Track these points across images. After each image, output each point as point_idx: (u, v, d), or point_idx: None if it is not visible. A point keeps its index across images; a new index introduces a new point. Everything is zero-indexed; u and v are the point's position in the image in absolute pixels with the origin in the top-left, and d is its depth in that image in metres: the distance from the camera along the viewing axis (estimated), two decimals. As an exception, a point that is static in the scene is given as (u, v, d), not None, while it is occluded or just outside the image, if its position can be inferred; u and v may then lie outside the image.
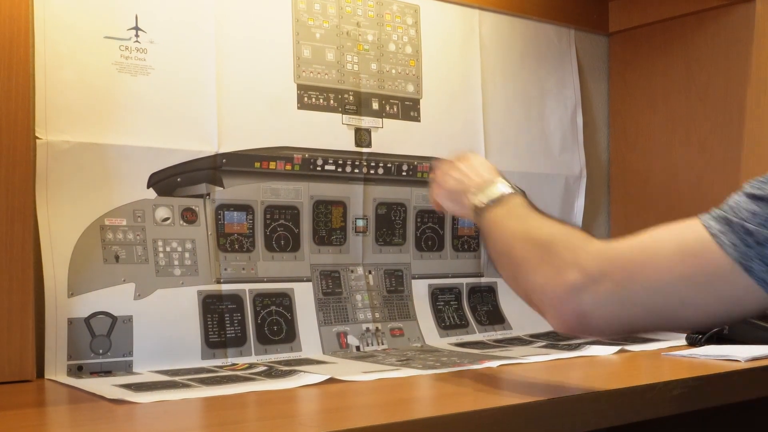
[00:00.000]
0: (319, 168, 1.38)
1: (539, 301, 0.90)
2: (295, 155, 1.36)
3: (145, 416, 0.87)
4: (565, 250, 0.88)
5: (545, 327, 1.61)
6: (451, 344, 1.44)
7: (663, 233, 0.86)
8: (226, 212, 1.30)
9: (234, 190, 1.30)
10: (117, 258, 1.19)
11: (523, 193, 1.04)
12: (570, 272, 0.86)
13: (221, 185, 1.29)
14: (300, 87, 1.37)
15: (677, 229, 0.86)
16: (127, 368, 1.16)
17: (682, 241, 0.84)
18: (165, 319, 1.20)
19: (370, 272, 1.45)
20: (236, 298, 1.28)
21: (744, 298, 0.82)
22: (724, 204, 0.84)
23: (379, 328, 1.41)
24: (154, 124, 1.22)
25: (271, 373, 1.12)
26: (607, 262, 0.85)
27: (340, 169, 1.40)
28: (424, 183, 1.51)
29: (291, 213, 1.36)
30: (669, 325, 0.88)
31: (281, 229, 1.35)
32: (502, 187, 1.04)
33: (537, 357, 1.25)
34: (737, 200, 0.83)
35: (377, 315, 1.42)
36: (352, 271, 1.43)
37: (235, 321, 1.27)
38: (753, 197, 0.82)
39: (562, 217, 1.71)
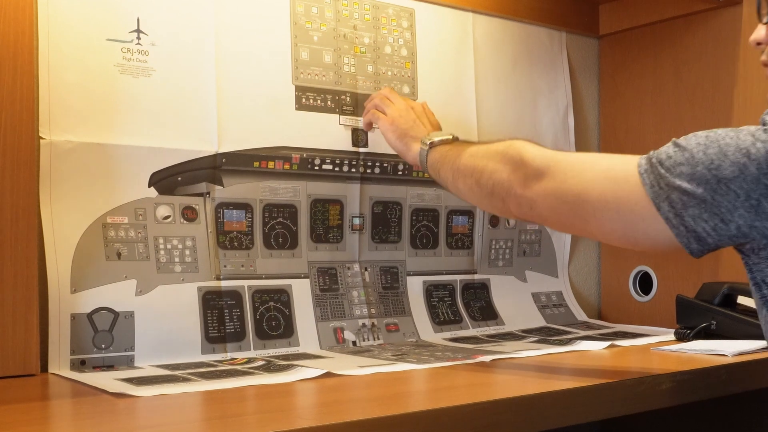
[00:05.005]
0: (316, 167, 1.40)
1: (503, 193, 1.05)
2: (293, 155, 1.37)
3: (147, 409, 0.88)
4: (517, 152, 1.04)
5: (537, 323, 1.63)
6: (445, 339, 1.45)
7: (602, 156, 1.00)
8: (225, 210, 1.31)
9: (233, 189, 1.31)
10: (119, 255, 1.20)
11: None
12: (525, 167, 1.01)
13: (221, 184, 1.30)
14: (298, 88, 1.38)
15: (616, 157, 0.97)
16: (129, 363, 1.17)
17: (614, 166, 0.95)
18: (166, 314, 1.22)
19: (366, 269, 1.46)
20: (235, 294, 1.30)
21: (650, 231, 0.91)
22: (657, 149, 0.93)
23: (375, 323, 1.42)
24: (155, 124, 1.24)
25: (269, 367, 1.13)
26: (552, 162, 0.99)
27: (337, 169, 1.42)
28: (419, 182, 1.52)
29: (289, 211, 1.38)
30: (585, 231, 1.01)
31: (279, 227, 1.37)
32: (448, 135, 1.25)
33: (529, 352, 1.26)
34: (665, 146, 0.92)
35: (373, 311, 1.44)
36: (348, 268, 1.44)
37: (235, 316, 1.28)
38: (676, 144, 0.91)
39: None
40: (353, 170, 1.44)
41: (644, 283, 1.76)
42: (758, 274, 0.90)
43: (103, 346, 1.16)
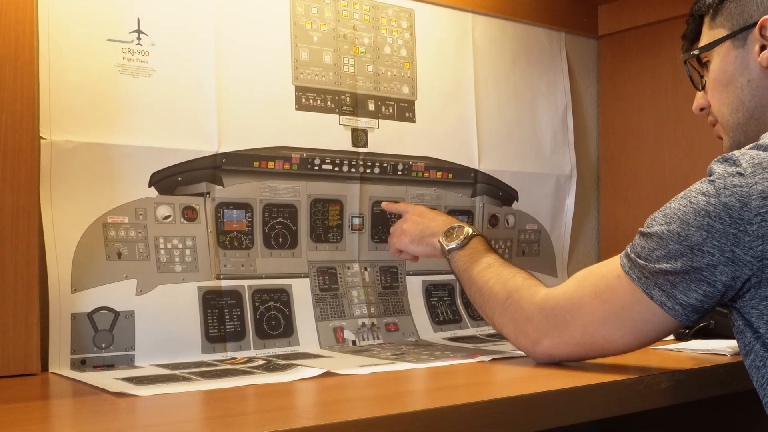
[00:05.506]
0: (316, 167, 1.40)
1: (518, 345, 1.11)
2: (293, 155, 1.37)
3: (147, 409, 0.88)
4: (518, 307, 1.09)
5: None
6: (444, 339, 1.45)
7: (587, 277, 1.03)
8: (225, 210, 1.32)
9: (233, 189, 1.32)
10: (119, 255, 1.21)
11: (481, 234, 1.26)
12: (527, 329, 1.07)
13: (221, 184, 1.31)
14: (298, 89, 1.39)
15: (597, 272, 1.02)
16: (129, 362, 1.18)
17: (599, 284, 1.00)
18: (166, 314, 1.22)
19: (365, 269, 1.47)
20: (235, 294, 1.30)
21: (652, 321, 0.96)
22: (632, 242, 0.98)
23: (375, 323, 1.43)
24: (156, 124, 1.24)
25: (269, 366, 1.14)
26: (550, 316, 1.04)
27: (337, 169, 1.42)
28: (419, 182, 1.53)
29: (289, 211, 1.38)
30: (603, 354, 1.05)
31: (279, 227, 1.37)
32: (464, 230, 1.24)
33: (528, 351, 1.26)
34: (635, 238, 0.97)
35: (373, 310, 1.44)
36: (348, 268, 1.45)
37: (235, 316, 1.29)
38: (642, 234, 0.96)
39: (553, 216, 1.74)
40: (353, 170, 1.44)
41: (643, 282, 1.76)
42: (747, 315, 0.93)
43: (103, 345, 1.17)
